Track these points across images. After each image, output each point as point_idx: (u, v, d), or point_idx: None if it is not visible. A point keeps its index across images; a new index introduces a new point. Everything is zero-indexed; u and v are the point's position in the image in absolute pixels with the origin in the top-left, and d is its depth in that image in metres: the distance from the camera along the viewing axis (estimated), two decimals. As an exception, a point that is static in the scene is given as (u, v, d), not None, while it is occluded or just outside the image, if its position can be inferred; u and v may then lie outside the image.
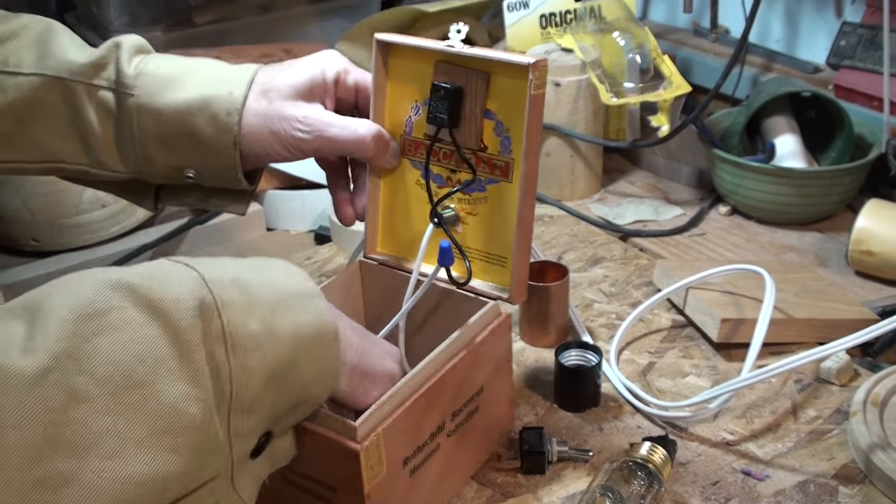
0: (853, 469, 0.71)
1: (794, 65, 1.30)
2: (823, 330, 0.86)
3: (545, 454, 0.72)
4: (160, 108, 0.71)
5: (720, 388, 0.75)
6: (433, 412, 0.64)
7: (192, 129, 0.71)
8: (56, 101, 0.72)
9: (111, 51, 0.73)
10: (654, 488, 0.66)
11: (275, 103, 0.71)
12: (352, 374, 0.60)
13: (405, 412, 0.61)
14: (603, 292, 0.96)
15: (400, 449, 0.62)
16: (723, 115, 1.21)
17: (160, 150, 0.73)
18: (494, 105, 0.68)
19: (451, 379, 0.66)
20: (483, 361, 0.69)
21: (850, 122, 1.10)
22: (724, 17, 1.38)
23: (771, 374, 0.73)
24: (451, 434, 0.67)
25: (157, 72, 0.72)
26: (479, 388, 0.70)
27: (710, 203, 1.16)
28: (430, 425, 0.65)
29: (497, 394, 0.73)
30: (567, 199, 1.18)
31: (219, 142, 0.71)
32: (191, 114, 0.71)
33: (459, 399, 0.68)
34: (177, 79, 0.72)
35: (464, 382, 0.68)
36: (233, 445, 0.51)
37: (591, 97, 1.15)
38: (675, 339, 0.88)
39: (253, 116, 0.71)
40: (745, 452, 0.73)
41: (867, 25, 1.18)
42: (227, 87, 0.71)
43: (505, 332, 0.72)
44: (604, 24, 1.20)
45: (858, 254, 0.97)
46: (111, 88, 0.72)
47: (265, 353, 0.52)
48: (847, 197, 1.08)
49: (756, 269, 0.84)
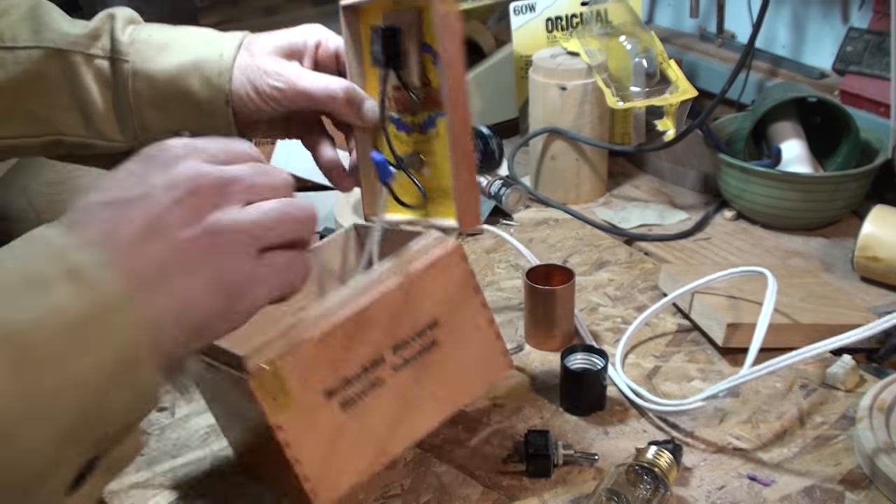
0: (859, 475, 0.71)
1: (801, 70, 1.30)
2: (829, 335, 0.85)
3: (550, 457, 0.71)
4: (154, 72, 0.74)
5: (722, 384, 0.75)
6: (361, 343, 0.64)
7: (186, 91, 0.74)
8: (55, 73, 0.74)
9: (105, 21, 0.75)
10: (661, 492, 0.66)
11: (256, 58, 0.74)
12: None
13: (316, 342, 0.61)
14: (608, 296, 0.96)
15: (317, 380, 0.62)
16: (728, 120, 1.21)
17: (156, 114, 0.75)
18: (430, 38, 0.68)
19: (379, 309, 0.65)
20: (429, 292, 0.67)
21: (856, 128, 1.10)
22: (731, 21, 1.38)
23: (773, 368, 0.73)
24: (400, 369, 0.66)
25: (150, 39, 0.75)
26: (432, 321, 0.68)
27: (715, 208, 1.16)
28: (361, 357, 0.64)
29: (465, 329, 0.70)
30: (572, 202, 1.18)
31: (212, 102, 0.74)
32: (184, 76, 0.74)
33: (401, 332, 0.66)
34: (169, 44, 0.74)
35: (402, 314, 0.66)
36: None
37: (597, 101, 1.15)
38: (681, 343, 0.88)
39: (239, 74, 0.73)
40: (750, 457, 0.73)
41: (874, 31, 1.18)
42: (218, 50, 0.74)
43: (457, 263, 0.69)
44: (610, 28, 1.20)
45: (864, 259, 0.97)
46: (107, 57, 0.74)
47: (38, 432, 0.42)
48: (853, 202, 1.08)
49: (759, 270, 0.84)
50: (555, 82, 1.14)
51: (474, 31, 1.37)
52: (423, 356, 0.67)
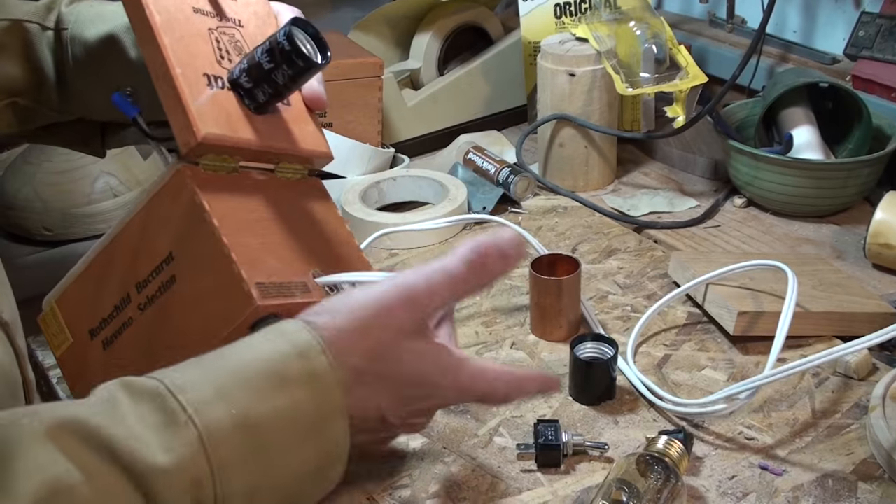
0: (872, 465, 0.70)
1: (812, 55, 1.28)
2: (841, 323, 0.85)
3: (560, 447, 0.71)
4: (89, 37, 0.78)
5: (741, 385, 0.73)
6: (109, 283, 0.64)
7: (120, 52, 0.77)
8: (15, 43, 0.79)
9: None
10: (671, 482, 0.65)
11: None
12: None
13: (74, 283, 0.64)
14: (617, 284, 0.96)
15: (82, 320, 0.65)
16: (739, 107, 1.20)
17: (94, 78, 0.79)
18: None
19: (121, 247, 0.64)
20: (159, 225, 0.64)
21: (868, 114, 1.08)
22: (741, 7, 1.36)
23: (793, 371, 0.71)
24: (145, 307, 0.64)
25: (89, 9, 0.79)
26: (167, 255, 0.64)
27: (725, 195, 1.15)
28: (111, 297, 0.65)
29: (201, 262, 0.63)
30: (581, 190, 1.18)
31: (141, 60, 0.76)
32: (117, 39, 0.77)
33: (141, 269, 0.65)
34: (107, 14, 0.78)
35: (140, 250, 0.65)
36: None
37: (606, 87, 1.14)
38: (691, 332, 0.87)
39: None
40: (762, 447, 0.73)
41: (887, 15, 1.17)
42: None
43: (181, 188, 0.64)
44: (619, 14, 1.19)
45: (877, 247, 0.96)
46: (53, 28, 0.80)
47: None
48: (865, 189, 1.07)
49: (778, 265, 0.82)
50: (563, 69, 1.13)
51: (482, 17, 1.36)
52: (163, 294, 0.64)
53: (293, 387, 0.53)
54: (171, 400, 0.50)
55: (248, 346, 0.56)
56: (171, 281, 0.64)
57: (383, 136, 1.22)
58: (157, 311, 0.64)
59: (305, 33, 0.68)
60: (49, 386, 0.85)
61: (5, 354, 0.65)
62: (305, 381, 0.54)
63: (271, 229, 0.68)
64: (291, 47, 0.66)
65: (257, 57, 0.67)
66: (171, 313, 0.65)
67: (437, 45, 1.33)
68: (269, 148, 0.69)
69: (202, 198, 0.63)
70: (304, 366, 0.54)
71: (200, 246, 0.63)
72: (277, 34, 0.67)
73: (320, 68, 0.68)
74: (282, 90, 0.68)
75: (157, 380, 0.51)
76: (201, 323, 0.64)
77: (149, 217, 0.64)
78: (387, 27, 1.36)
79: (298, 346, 0.55)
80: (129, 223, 0.64)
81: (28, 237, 1.08)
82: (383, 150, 1.19)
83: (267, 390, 0.53)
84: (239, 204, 0.66)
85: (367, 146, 1.16)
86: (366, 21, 1.34)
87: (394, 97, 1.26)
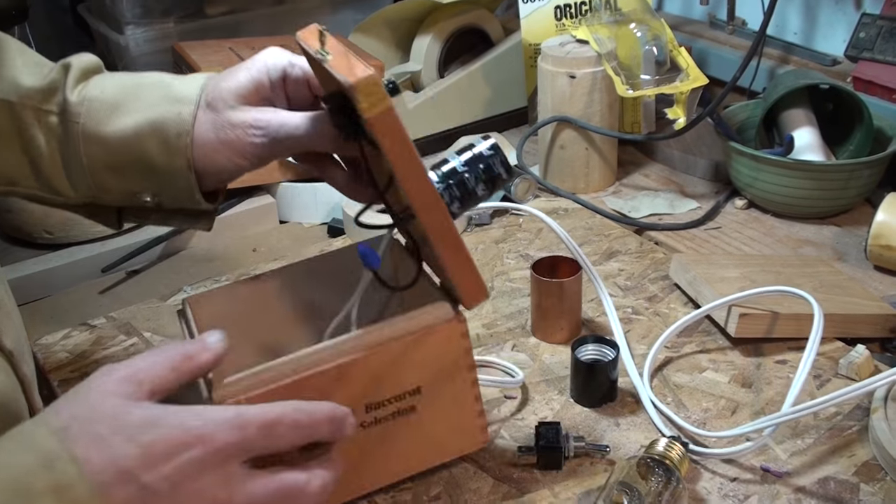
0: (874, 466, 0.70)
1: (812, 57, 1.28)
2: (843, 325, 0.85)
3: (562, 450, 0.71)
4: (107, 135, 0.69)
5: (769, 419, 0.71)
6: (333, 396, 0.62)
7: (143, 156, 0.69)
8: (5, 125, 0.70)
9: (61, 74, 0.70)
10: (673, 485, 0.65)
11: (223, 113, 0.68)
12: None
13: (286, 387, 0.61)
14: (618, 286, 0.96)
15: None
16: (739, 108, 1.20)
17: (112, 177, 0.71)
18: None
19: (361, 368, 0.63)
20: (419, 360, 0.66)
21: (869, 115, 1.08)
22: (741, 8, 1.36)
23: (816, 408, 0.70)
24: (369, 427, 0.65)
25: (102, 96, 0.70)
26: (415, 387, 0.66)
27: (726, 196, 1.15)
28: None
29: (447, 402, 0.68)
30: (582, 191, 1.17)
31: (172, 165, 0.69)
32: (140, 140, 0.69)
33: (378, 392, 0.65)
34: (122, 102, 0.69)
35: (385, 376, 0.65)
36: None
37: (607, 89, 1.14)
38: (692, 333, 0.87)
39: (204, 133, 0.68)
40: (764, 449, 0.72)
41: (887, 17, 1.17)
42: (176, 108, 0.68)
43: (456, 339, 0.66)
44: (619, 16, 1.19)
45: (878, 248, 0.96)
46: (59, 114, 0.70)
47: None
48: (866, 190, 1.07)
49: (802, 294, 0.80)
50: (564, 71, 1.13)
51: (482, 19, 1.36)
52: (396, 419, 0.66)
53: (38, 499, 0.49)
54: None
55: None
56: (410, 410, 0.67)
57: (384, 138, 1.22)
58: (381, 431, 0.66)
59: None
60: (50, 388, 0.85)
61: (7, 383, 0.64)
62: (52, 494, 0.49)
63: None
64: (506, 172, 0.66)
65: (471, 187, 0.66)
66: (397, 436, 0.67)
67: (438, 48, 1.33)
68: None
69: (470, 349, 0.67)
70: (51, 478, 0.49)
71: (454, 388, 0.67)
72: (491, 162, 0.66)
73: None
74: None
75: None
76: (424, 448, 0.69)
77: (406, 351, 0.65)
78: (387, 29, 1.36)
79: (42, 453, 0.50)
80: (376, 352, 0.64)
81: (29, 240, 1.08)
82: (384, 153, 1.19)
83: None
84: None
85: (367, 148, 1.16)
86: (366, 23, 1.34)
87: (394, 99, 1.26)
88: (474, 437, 0.70)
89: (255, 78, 0.69)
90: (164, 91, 0.70)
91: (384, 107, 0.58)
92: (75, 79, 0.71)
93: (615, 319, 0.86)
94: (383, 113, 0.58)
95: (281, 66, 0.69)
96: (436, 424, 0.68)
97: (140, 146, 0.69)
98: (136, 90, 0.70)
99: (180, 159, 0.68)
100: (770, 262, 0.95)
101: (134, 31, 1.31)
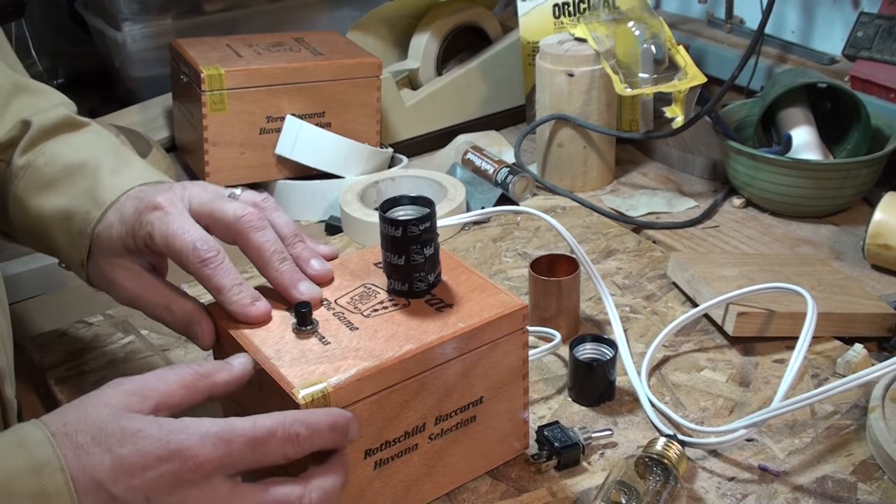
0: (872, 465, 0.70)
1: (810, 56, 1.28)
2: (840, 324, 0.85)
3: (580, 446, 0.71)
4: (30, 207, 0.73)
5: (757, 416, 0.71)
6: (408, 411, 0.63)
7: (51, 238, 0.73)
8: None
9: (19, 132, 0.74)
10: (671, 484, 0.65)
11: (113, 242, 0.69)
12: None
13: (373, 403, 0.60)
14: (616, 285, 0.96)
15: (361, 440, 0.61)
16: (737, 107, 1.20)
17: (27, 237, 0.76)
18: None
19: (436, 381, 0.64)
20: (485, 371, 0.66)
21: (867, 114, 1.08)
22: (739, 7, 1.36)
23: (808, 402, 0.70)
24: (436, 438, 0.66)
25: (44, 168, 0.73)
26: (478, 398, 0.67)
27: (723, 195, 1.15)
28: (405, 423, 0.63)
29: (502, 410, 0.69)
30: (579, 190, 1.17)
31: (71, 257, 0.72)
32: (52, 223, 0.72)
33: (449, 404, 0.65)
34: (57, 182, 0.72)
35: (456, 387, 0.65)
36: None
37: (605, 88, 1.14)
38: (690, 332, 0.87)
39: (104, 238, 0.69)
40: (761, 448, 0.73)
41: (885, 16, 1.17)
42: (87, 206, 0.70)
43: (521, 347, 0.68)
44: (618, 14, 1.19)
45: (875, 247, 0.96)
46: (6, 165, 0.74)
47: None
48: (863, 190, 1.07)
49: (799, 290, 0.80)
50: (562, 69, 1.13)
51: (480, 17, 1.36)
52: (458, 429, 0.67)
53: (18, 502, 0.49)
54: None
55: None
56: (472, 420, 0.67)
57: (381, 136, 1.22)
58: (445, 443, 0.66)
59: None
60: (46, 387, 0.85)
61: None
62: (34, 497, 0.49)
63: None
64: (402, 229, 0.65)
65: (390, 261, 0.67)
66: (457, 447, 0.67)
67: (436, 45, 1.33)
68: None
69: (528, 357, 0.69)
70: (36, 484, 0.49)
71: (510, 396, 0.69)
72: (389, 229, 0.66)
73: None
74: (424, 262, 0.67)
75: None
76: (477, 458, 0.70)
77: (478, 362, 0.66)
78: (385, 27, 1.36)
79: (34, 458, 0.50)
80: (451, 362, 0.64)
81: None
82: (381, 150, 1.19)
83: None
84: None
85: (365, 146, 1.16)
86: (364, 21, 1.33)
87: (392, 97, 1.26)
88: (519, 442, 0.72)
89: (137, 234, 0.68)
90: (92, 183, 0.72)
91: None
92: (30, 140, 0.74)
93: (615, 318, 0.86)
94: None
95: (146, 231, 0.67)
96: (490, 433, 0.69)
97: (51, 228, 0.72)
98: (75, 173, 0.72)
99: (76, 253, 0.71)
100: (768, 261, 0.95)
101: (131, 28, 1.31)
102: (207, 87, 1.08)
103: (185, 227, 0.65)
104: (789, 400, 0.70)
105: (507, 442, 0.71)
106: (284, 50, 1.17)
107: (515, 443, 0.72)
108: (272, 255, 0.66)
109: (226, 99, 1.10)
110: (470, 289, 0.68)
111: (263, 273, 0.66)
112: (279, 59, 1.14)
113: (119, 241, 0.68)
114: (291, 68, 1.12)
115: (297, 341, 0.63)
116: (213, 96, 1.09)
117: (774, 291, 0.83)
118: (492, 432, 0.69)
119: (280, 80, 1.12)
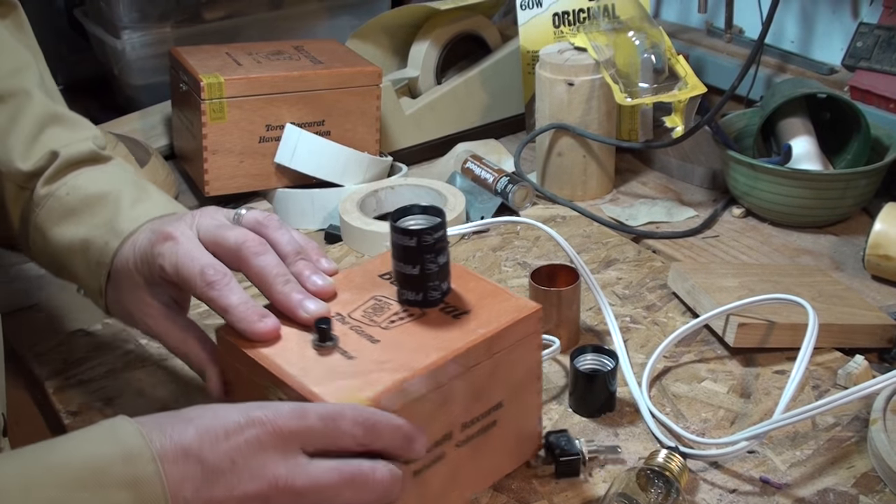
0: (873, 478, 0.70)
1: (810, 66, 1.29)
2: (840, 335, 0.85)
3: (580, 456, 0.71)
4: (52, 236, 0.75)
5: (760, 427, 0.71)
6: (436, 420, 0.63)
7: (71, 267, 0.75)
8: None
9: (46, 162, 0.76)
10: (672, 497, 0.65)
11: (133, 271, 0.70)
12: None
13: (407, 412, 0.60)
14: (616, 295, 0.95)
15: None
16: (737, 117, 1.20)
17: (50, 267, 0.79)
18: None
19: (466, 387, 0.64)
20: (505, 374, 0.66)
21: (866, 125, 1.08)
22: (739, 16, 1.36)
23: (809, 414, 0.70)
24: (461, 445, 0.65)
25: (66, 199, 0.75)
26: (499, 402, 0.67)
27: (723, 205, 1.15)
28: (436, 432, 0.63)
29: (519, 412, 0.69)
30: (579, 199, 1.17)
31: (91, 286, 0.74)
32: (72, 253, 0.74)
33: (473, 410, 0.65)
34: (78, 212, 0.74)
35: (482, 392, 0.65)
36: None
37: (605, 97, 1.14)
38: (691, 343, 0.87)
39: (122, 268, 0.71)
40: (763, 460, 0.72)
41: (884, 27, 1.17)
42: (106, 236, 0.72)
43: (536, 349, 0.68)
44: (618, 24, 1.19)
45: (875, 258, 0.96)
46: (31, 194, 0.76)
47: None
48: (863, 200, 1.07)
49: (799, 302, 0.80)
50: (562, 78, 1.13)
51: (480, 26, 1.36)
52: (481, 435, 0.67)
53: (112, 490, 0.50)
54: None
55: (80, 440, 0.53)
56: (492, 425, 0.67)
57: (381, 144, 1.22)
58: (468, 449, 0.66)
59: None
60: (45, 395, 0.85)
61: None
62: (126, 487, 0.50)
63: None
64: (417, 238, 0.65)
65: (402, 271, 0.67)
66: (480, 453, 0.67)
67: (435, 54, 1.33)
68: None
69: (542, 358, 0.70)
70: (129, 471, 0.50)
71: (526, 398, 0.70)
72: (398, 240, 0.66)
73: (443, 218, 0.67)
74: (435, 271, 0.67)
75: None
76: (497, 462, 0.70)
77: (499, 367, 0.65)
78: (385, 36, 1.36)
79: (128, 448, 0.51)
80: (481, 365, 0.64)
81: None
82: (381, 159, 1.18)
83: (79, 490, 0.49)
84: None
85: (364, 155, 1.15)
86: (364, 29, 1.33)
87: (392, 106, 1.26)
88: (533, 443, 0.72)
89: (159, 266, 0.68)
90: (112, 215, 0.73)
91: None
92: (55, 171, 0.75)
93: (615, 329, 0.86)
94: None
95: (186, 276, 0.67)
96: (509, 436, 0.69)
97: (70, 258, 0.74)
98: (95, 204, 0.74)
99: (95, 283, 0.73)
100: (768, 272, 0.95)
101: (131, 36, 1.31)
102: (207, 95, 1.08)
103: (194, 255, 0.66)
104: (791, 412, 0.70)
105: (523, 445, 0.71)
106: (284, 58, 1.17)
107: (531, 445, 0.72)
108: (274, 279, 0.66)
109: (225, 107, 1.10)
110: (481, 295, 0.68)
111: (268, 297, 0.67)
112: (279, 68, 1.14)
113: (137, 272, 0.70)
114: (291, 77, 1.12)
115: (319, 358, 0.62)
116: (212, 105, 1.09)
117: (775, 302, 0.83)
118: (510, 436, 0.69)
119: (279, 89, 1.12)
